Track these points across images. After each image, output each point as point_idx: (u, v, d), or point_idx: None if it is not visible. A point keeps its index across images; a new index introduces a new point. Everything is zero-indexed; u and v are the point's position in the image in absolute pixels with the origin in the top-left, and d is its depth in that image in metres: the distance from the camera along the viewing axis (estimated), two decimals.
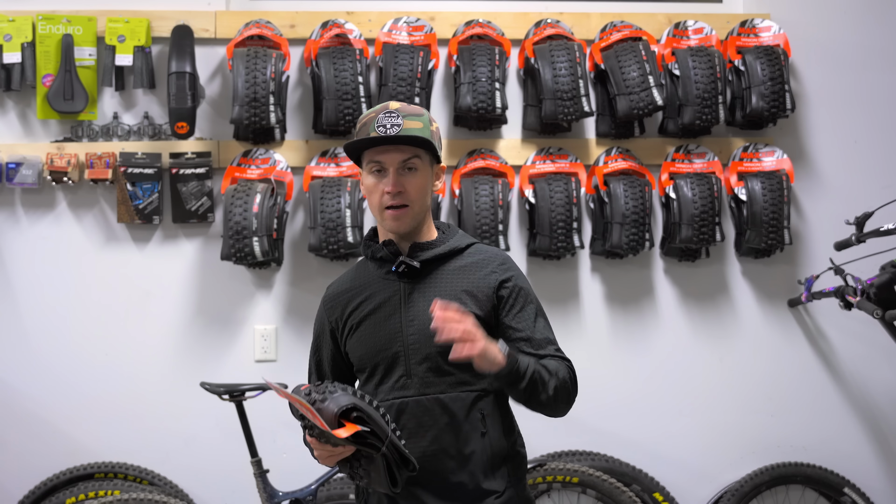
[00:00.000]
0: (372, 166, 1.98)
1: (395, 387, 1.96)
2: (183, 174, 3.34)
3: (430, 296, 1.95)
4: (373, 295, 2.03)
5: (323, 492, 3.18)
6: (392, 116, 1.95)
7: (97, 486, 3.20)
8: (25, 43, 3.33)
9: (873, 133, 3.68)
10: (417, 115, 1.98)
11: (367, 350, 2.01)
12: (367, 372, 2.02)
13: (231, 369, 3.39)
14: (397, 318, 1.98)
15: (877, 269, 3.05)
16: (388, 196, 1.96)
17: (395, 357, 1.97)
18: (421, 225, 2.03)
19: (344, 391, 1.81)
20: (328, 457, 1.85)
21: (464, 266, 2.01)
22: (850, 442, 3.60)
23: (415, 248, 2.01)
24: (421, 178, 1.98)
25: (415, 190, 1.97)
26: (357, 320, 2.03)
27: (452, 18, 3.52)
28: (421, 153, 1.98)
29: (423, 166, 1.98)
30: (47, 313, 3.38)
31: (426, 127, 1.98)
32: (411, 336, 1.96)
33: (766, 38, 3.53)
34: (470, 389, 1.95)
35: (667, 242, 3.51)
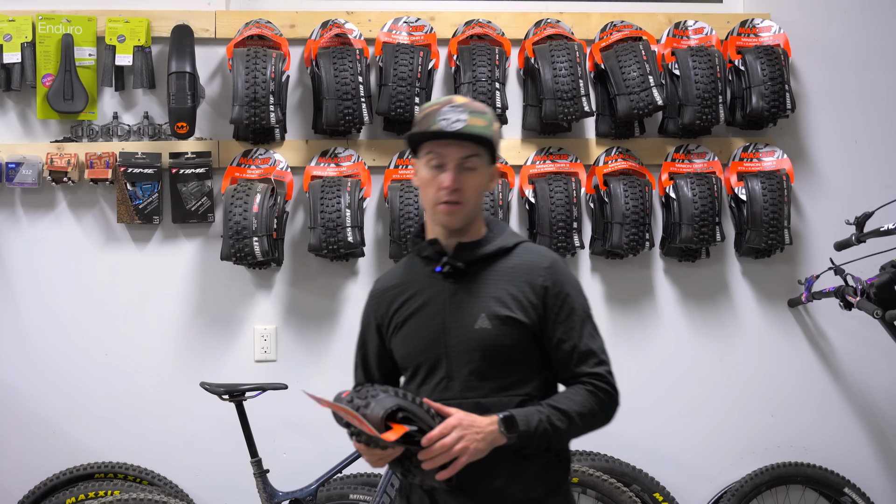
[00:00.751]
0: (431, 158, 1.94)
1: (436, 388, 1.93)
2: (183, 174, 3.34)
3: (475, 298, 1.92)
4: (418, 293, 1.99)
5: (323, 492, 3.17)
6: (457, 110, 1.92)
7: (97, 486, 3.20)
8: (25, 43, 3.33)
9: (873, 133, 3.68)
10: (482, 113, 1.95)
11: (410, 350, 1.99)
12: (410, 371, 2.00)
13: (231, 369, 3.40)
14: (441, 319, 1.94)
15: (877, 269, 3.05)
16: (445, 192, 1.91)
17: (437, 359, 1.94)
18: (472, 224, 1.99)
19: (386, 393, 1.78)
20: (378, 460, 1.84)
21: (511, 267, 1.96)
22: (851, 442, 3.60)
23: (460, 247, 1.97)
24: (479, 178, 1.94)
25: (471, 189, 1.93)
26: (402, 318, 2.00)
27: (452, 18, 3.52)
28: (481, 152, 1.93)
29: (481, 166, 1.94)
30: (47, 313, 3.38)
31: (489, 126, 1.95)
32: (454, 338, 1.92)
33: (766, 38, 3.53)
34: (513, 394, 1.91)
35: (667, 242, 3.51)
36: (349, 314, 3.47)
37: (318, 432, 3.42)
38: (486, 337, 1.91)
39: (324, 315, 3.47)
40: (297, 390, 3.24)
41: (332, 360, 3.45)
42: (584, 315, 1.97)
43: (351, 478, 3.33)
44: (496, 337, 1.90)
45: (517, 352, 1.92)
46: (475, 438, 1.79)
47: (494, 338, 1.90)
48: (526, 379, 1.92)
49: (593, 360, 1.93)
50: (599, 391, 1.92)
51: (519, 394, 1.91)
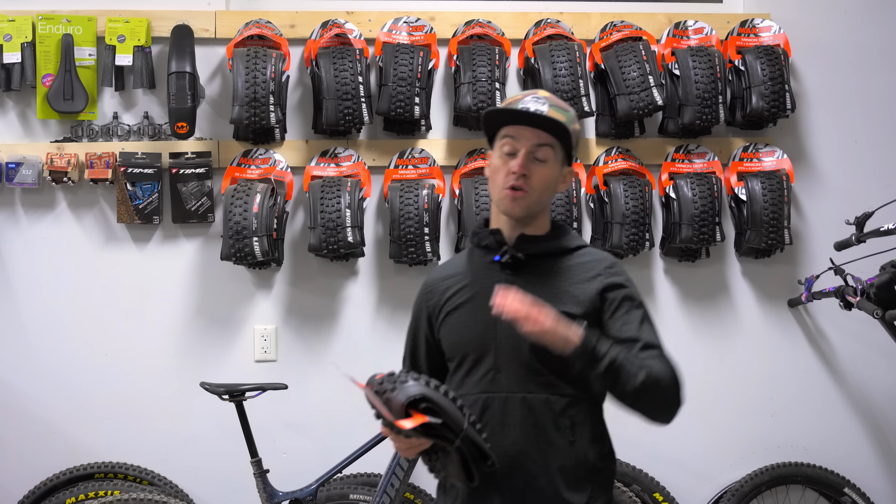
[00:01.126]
0: (504, 143, 1.92)
1: (482, 380, 1.90)
2: (183, 174, 3.34)
3: (532, 292, 1.87)
4: (473, 282, 1.97)
5: (323, 492, 3.17)
6: (539, 101, 1.91)
7: (97, 486, 3.20)
8: (25, 43, 3.33)
9: (873, 133, 3.68)
10: (564, 110, 1.94)
11: (458, 338, 1.96)
12: (456, 361, 1.97)
13: (231, 369, 3.40)
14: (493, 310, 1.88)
15: (877, 269, 3.05)
16: (513, 176, 1.89)
17: (485, 350, 1.91)
18: (536, 218, 1.96)
19: (416, 381, 1.74)
20: (406, 449, 1.81)
21: (570, 266, 1.94)
22: (851, 442, 3.60)
23: (522, 239, 1.95)
24: (548, 171, 1.91)
25: (539, 180, 1.90)
26: (453, 306, 1.97)
27: (452, 18, 3.52)
28: (555, 144, 1.91)
29: (553, 161, 1.92)
30: (47, 313, 3.38)
31: (570, 123, 1.93)
32: (505, 329, 1.87)
33: (766, 38, 3.53)
34: (561, 394, 1.87)
35: (667, 242, 3.51)
36: (349, 314, 3.47)
37: (318, 432, 3.42)
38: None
39: (324, 315, 3.47)
40: (298, 389, 3.28)
41: (333, 359, 3.45)
42: (644, 315, 1.92)
43: (351, 478, 3.33)
44: None
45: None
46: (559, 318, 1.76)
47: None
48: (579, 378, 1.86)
49: (656, 351, 1.87)
50: (673, 372, 1.85)
51: (567, 393, 1.88)
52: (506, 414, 1.87)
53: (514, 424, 1.87)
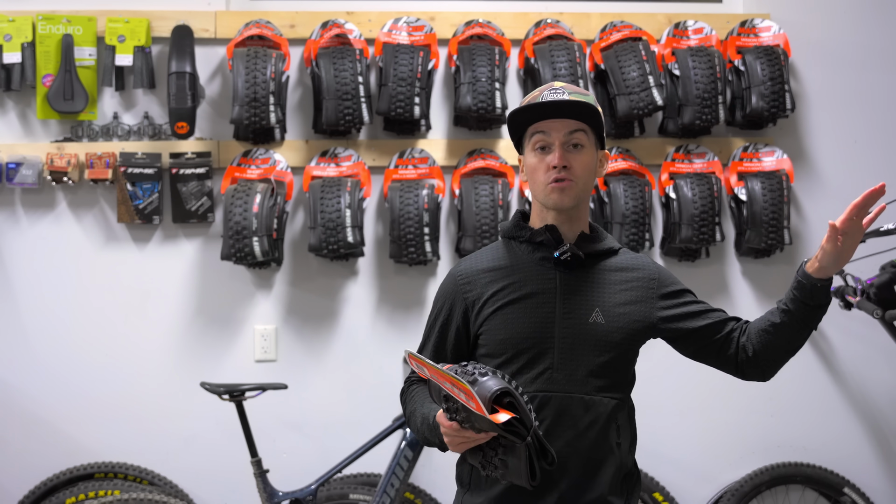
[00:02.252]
0: (536, 140, 1.88)
1: (538, 379, 1.86)
2: (183, 174, 3.34)
3: (591, 292, 1.88)
4: (525, 280, 1.90)
5: (323, 492, 3.18)
6: (558, 92, 1.88)
7: (97, 486, 3.20)
8: (25, 43, 3.33)
9: (873, 133, 3.68)
10: (584, 94, 1.91)
11: (511, 334, 1.89)
12: (504, 358, 1.89)
13: (231, 369, 3.40)
14: (552, 308, 1.87)
15: (877, 269, 3.05)
16: (554, 171, 1.85)
17: (543, 348, 1.86)
18: (583, 213, 1.94)
19: (493, 375, 1.69)
20: (461, 443, 1.72)
21: (622, 268, 1.94)
22: (850, 442, 3.60)
23: (583, 238, 1.92)
24: (587, 156, 1.88)
25: (581, 167, 1.87)
26: (503, 302, 1.90)
27: (452, 18, 3.52)
28: (587, 129, 1.88)
29: (588, 144, 1.89)
30: (47, 313, 3.38)
31: (594, 105, 1.89)
32: (565, 329, 1.86)
33: (766, 38, 3.53)
34: (611, 396, 1.86)
35: (667, 242, 3.51)
36: (349, 314, 3.47)
37: (318, 432, 3.42)
38: (600, 332, 1.87)
39: (324, 315, 3.47)
40: (298, 390, 3.28)
41: (332, 360, 3.45)
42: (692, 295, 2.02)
43: (351, 478, 3.33)
44: (609, 333, 1.87)
45: (625, 351, 1.90)
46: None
47: (607, 334, 1.87)
48: (625, 382, 1.89)
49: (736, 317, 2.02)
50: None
51: (617, 396, 1.88)
52: (561, 413, 1.84)
53: (568, 424, 1.84)
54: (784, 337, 1.98)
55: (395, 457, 3.04)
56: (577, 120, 1.87)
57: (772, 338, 1.99)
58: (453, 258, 3.47)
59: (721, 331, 1.98)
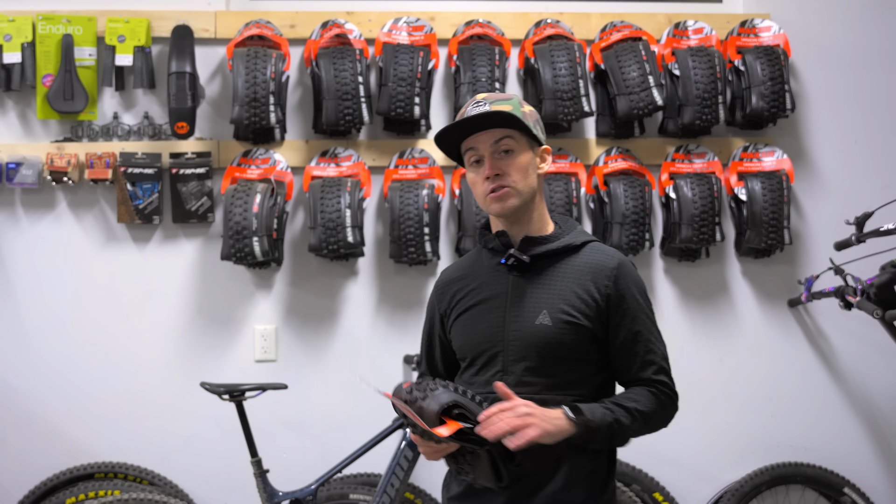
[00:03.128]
0: (470, 156, 1.95)
1: (491, 380, 1.89)
2: (183, 174, 3.34)
3: (538, 293, 1.91)
4: (482, 285, 1.98)
5: (323, 492, 3.18)
6: (479, 105, 1.93)
7: (97, 486, 3.20)
8: (25, 43, 3.33)
9: (873, 133, 3.68)
10: (505, 100, 1.94)
11: (467, 340, 1.98)
12: (467, 361, 2.00)
13: (231, 369, 3.40)
14: (501, 312, 1.93)
15: (877, 269, 3.05)
16: (489, 181, 1.91)
17: (494, 351, 1.93)
18: (532, 214, 1.97)
19: (445, 388, 1.76)
20: (433, 453, 1.82)
21: (577, 266, 1.94)
22: (850, 442, 3.60)
23: (527, 241, 1.96)
24: (518, 158, 1.92)
25: (514, 170, 1.91)
26: (463, 308, 1.99)
27: (452, 18, 3.52)
28: (513, 133, 1.92)
29: (519, 147, 1.92)
30: (47, 313, 3.38)
31: (516, 108, 1.93)
32: (513, 332, 1.91)
33: (766, 38, 3.53)
34: (565, 394, 1.87)
35: (667, 242, 3.51)
36: (349, 314, 3.47)
37: (318, 432, 3.42)
38: (545, 334, 1.88)
39: (324, 315, 3.47)
40: (298, 389, 3.28)
41: (332, 360, 3.45)
42: (648, 321, 1.94)
43: (351, 478, 3.33)
44: (555, 334, 1.88)
45: (574, 352, 1.90)
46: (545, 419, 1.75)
47: (553, 335, 1.88)
48: (581, 380, 1.89)
49: (654, 368, 1.92)
50: (661, 395, 1.91)
51: (572, 393, 1.88)
52: None
53: None
54: None
55: (395, 457, 3.04)
56: (502, 128, 1.91)
57: None
58: (453, 258, 3.46)
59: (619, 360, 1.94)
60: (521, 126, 1.92)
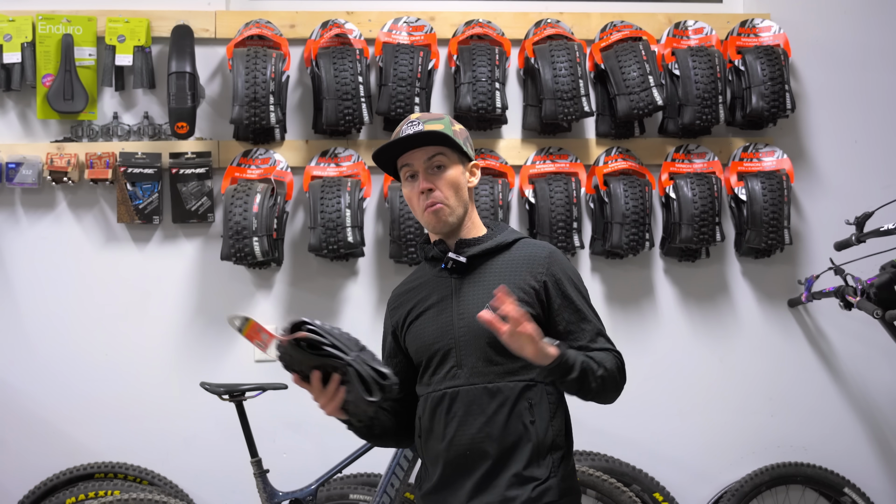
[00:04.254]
0: (405, 171, 2.11)
1: (446, 377, 2.05)
2: (183, 174, 3.34)
3: (478, 290, 2.06)
4: (429, 293, 2.13)
5: (323, 492, 3.17)
6: (413, 125, 2.09)
7: (97, 486, 3.20)
8: (25, 43, 3.33)
9: (873, 133, 3.68)
10: (436, 119, 2.11)
11: (421, 344, 2.11)
12: (423, 364, 2.11)
13: (231, 369, 3.40)
14: (449, 313, 2.07)
15: (877, 269, 3.05)
16: (424, 196, 2.07)
17: (447, 349, 2.06)
18: (465, 222, 2.13)
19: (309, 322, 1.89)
20: (325, 401, 1.94)
21: (512, 260, 2.09)
22: (850, 442, 3.60)
23: (461, 244, 2.12)
24: (450, 175, 2.08)
25: (445, 186, 2.08)
26: (414, 317, 2.14)
27: (452, 18, 3.52)
28: (445, 151, 2.08)
29: (450, 162, 2.09)
30: (47, 313, 3.38)
31: (447, 127, 2.09)
32: (461, 329, 2.05)
33: (766, 38, 3.53)
34: (518, 379, 2.01)
35: (667, 242, 3.51)
36: (349, 314, 3.47)
37: (318, 432, 3.42)
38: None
39: (324, 315, 3.47)
40: (298, 389, 3.26)
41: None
42: (586, 301, 2.10)
43: (351, 478, 3.33)
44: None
45: None
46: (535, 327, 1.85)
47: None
48: (530, 364, 1.96)
49: (603, 339, 2.07)
50: (619, 361, 2.05)
51: (524, 379, 2.01)
52: (469, 403, 2.01)
53: (477, 412, 2.01)
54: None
55: (395, 457, 3.04)
56: (434, 145, 2.07)
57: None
58: None
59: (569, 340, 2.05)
60: (451, 143, 2.07)
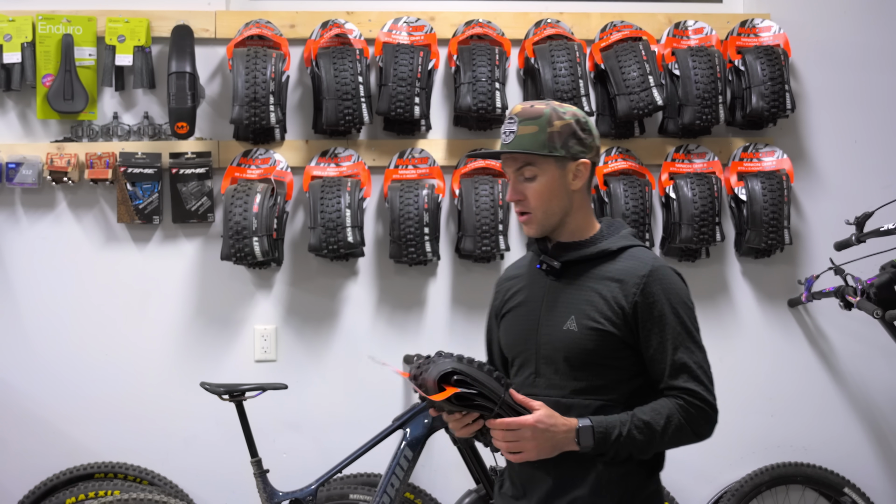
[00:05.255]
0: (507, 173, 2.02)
1: (525, 382, 1.98)
2: (183, 174, 3.34)
3: (569, 298, 1.94)
4: (525, 287, 2.05)
5: (323, 492, 3.17)
6: (510, 122, 1.96)
7: (97, 486, 3.20)
8: (25, 43, 3.33)
9: (873, 133, 3.68)
10: (533, 119, 1.93)
11: (507, 342, 2.07)
12: (510, 360, 2.07)
13: (231, 369, 3.40)
14: (535, 316, 1.98)
15: (877, 269, 3.05)
16: (514, 203, 1.99)
17: (528, 353, 1.99)
18: (566, 224, 1.98)
19: (449, 357, 1.81)
20: (460, 428, 1.86)
21: (610, 272, 1.93)
22: (851, 442, 3.60)
23: (558, 247, 1.99)
24: (540, 185, 1.94)
25: (533, 196, 1.95)
26: (508, 309, 2.07)
27: (452, 18, 3.52)
28: (534, 160, 1.93)
29: (540, 172, 1.94)
30: (47, 313, 3.38)
31: (542, 130, 1.92)
32: (544, 336, 1.96)
33: (766, 38, 3.53)
34: (594, 398, 1.89)
35: (667, 242, 3.51)
36: (349, 314, 3.47)
37: (318, 432, 3.42)
38: (571, 339, 1.91)
39: (324, 315, 3.47)
40: (298, 389, 3.28)
41: (332, 360, 3.45)
42: (680, 327, 1.92)
43: (351, 478, 3.33)
44: (580, 340, 1.90)
45: (601, 357, 1.90)
46: (544, 440, 1.81)
47: (578, 341, 1.90)
48: (611, 385, 1.90)
49: (686, 376, 1.89)
50: (690, 406, 1.88)
51: (601, 398, 1.90)
52: None
53: None
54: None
55: (395, 457, 3.04)
56: (525, 154, 1.94)
57: None
58: (453, 258, 3.47)
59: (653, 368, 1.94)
60: (543, 153, 1.92)
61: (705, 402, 1.90)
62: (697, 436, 1.92)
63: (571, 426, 1.83)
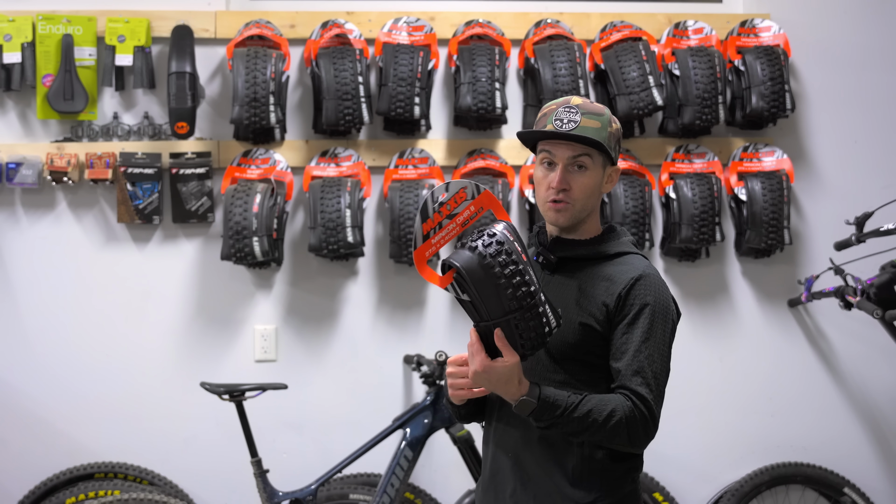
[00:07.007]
0: (543, 157, 1.95)
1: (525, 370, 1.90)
2: (183, 174, 3.34)
3: (560, 293, 1.93)
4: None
5: (323, 492, 3.18)
6: (571, 112, 1.91)
7: (97, 486, 3.20)
8: (25, 43, 3.33)
9: (873, 133, 3.68)
10: (597, 115, 1.93)
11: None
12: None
13: (231, 369, 3.40)
14: None
15: (877, 269, 3.06)
16: (553, 191, 1.93)
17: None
18: (583, 223, 1.98)
19: (473, 251, 1.74)
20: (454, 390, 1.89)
21: (602, 273, 1.94)
22: (851, 442, 3.60)
23: (556, 242, 1.99)
24: (589, 178, 1.93)
25: (580, 188, 1.93)
26: None
27: (452, 18, 3.52)
28: (593, 153, 1.92)
29: (593, 166, 1.93)
30: (47, 313, 3.38)
31: (604, 128, 1.92)
32: None
33: (766, 38, 3.53)
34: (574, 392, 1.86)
35: (667, 242, 3.51)
36: (349, 314, 3.47)
37: (318, 432, 3.42)
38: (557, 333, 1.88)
39: (324, 315, 3.47)
40: (298, 389, 3.28)
41: (332, 360, 3.45)
42: (650, 333, 1.89)
43: (351, 478, 3.33)
44: (563, 333, 1.88)
45: (582, 353, 1.91)
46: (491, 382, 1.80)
47: (561, 334, 1.87)
48: (593, 382, 1.90)
49: (640, 380, 1.85)
50: (636, 409, 1.84)
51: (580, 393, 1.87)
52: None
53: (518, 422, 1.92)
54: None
55: (395, 457, 3.04)
56: (585, 144, 1.91)
57: None
58: None
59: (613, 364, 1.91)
60: (601, 148, 1.92)
61: (650, 413, 1.86)
62: (630, 441, 1.85)
63: (526, 385, 1.81)
